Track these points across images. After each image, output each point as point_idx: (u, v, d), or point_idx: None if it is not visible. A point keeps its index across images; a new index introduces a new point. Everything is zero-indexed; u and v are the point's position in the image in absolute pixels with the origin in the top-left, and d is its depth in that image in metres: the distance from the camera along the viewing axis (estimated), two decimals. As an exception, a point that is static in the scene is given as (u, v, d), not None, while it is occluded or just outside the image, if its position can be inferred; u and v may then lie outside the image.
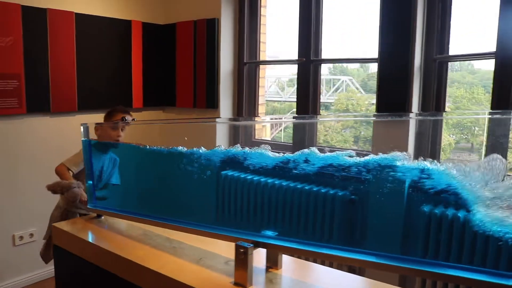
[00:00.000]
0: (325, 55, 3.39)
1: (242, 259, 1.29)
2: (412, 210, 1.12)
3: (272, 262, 1.42)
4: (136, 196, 1.84)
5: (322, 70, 3.43)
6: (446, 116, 3.12)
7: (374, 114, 3.19)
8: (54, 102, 3.45)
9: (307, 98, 3.42)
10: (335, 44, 3.47)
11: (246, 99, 3.89)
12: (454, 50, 2.72)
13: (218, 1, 3.73)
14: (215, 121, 3.86)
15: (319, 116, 3.65)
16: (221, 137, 3.83)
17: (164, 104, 4.26)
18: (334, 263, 1.95)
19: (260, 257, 1.42)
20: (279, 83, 4.54)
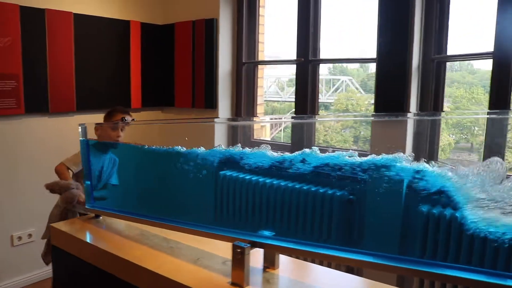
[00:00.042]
0: (324, 55, 3.39)
1: (239, 259, 1.29)
2: (409, 210, 1.12)
3: (269, 262, 1.42)
4: (133, 196, 1.84)
5: (322, 70, 3.43)
6: (444, 116, 3.12)
7: (372, 114, 3.19)
8: (52, 102, 3.45)
9: (306, 98, 3.42)
10: (334, 44, 3.47)
11: (245, 99, 3.89)
12: (452, 50, 2.73)
13: (217, 1, 3.73)
14: (214, 121, 3.86)
15: (317, 116, 3.65)
16: (219, 137, 3.83)
17: (162, 104, 4.26)
18: (332, 263, 1.95)
19: (257, 257, 1.42)
20: (279, 83, 4.54)
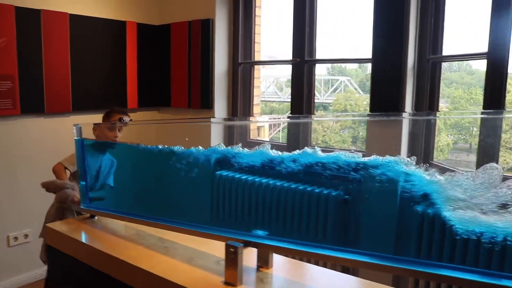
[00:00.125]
0: (320, 56, 3.40)
1: (232, 259, 1.29)
2: (404, 211, 1.13)
3: (263, 262, 1.42)
4: (127, 196, 1.84)
5: (321, 70, 3.44)
6: (439, 116, 3.13)
7: (368, 114, 3.19)
8: (48, 103, 3.44)
9: (302, 98, 3.42)
10: (330, 44, 3.48)
11: (241, 99, 3.89)
12: (447, 51, 2.73)
13: (213, 1, 3.73)
14: (210, 121, 3.86)
15: (313, 116, 3.65)
16: (215, 137, 3.83)
17: (159, 104, 4.26)
18: (328, 263, 1.95)
19: (251, 256, 1.43)
20: (278, 84, 4.54)
